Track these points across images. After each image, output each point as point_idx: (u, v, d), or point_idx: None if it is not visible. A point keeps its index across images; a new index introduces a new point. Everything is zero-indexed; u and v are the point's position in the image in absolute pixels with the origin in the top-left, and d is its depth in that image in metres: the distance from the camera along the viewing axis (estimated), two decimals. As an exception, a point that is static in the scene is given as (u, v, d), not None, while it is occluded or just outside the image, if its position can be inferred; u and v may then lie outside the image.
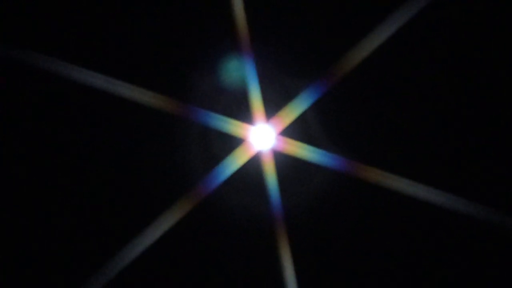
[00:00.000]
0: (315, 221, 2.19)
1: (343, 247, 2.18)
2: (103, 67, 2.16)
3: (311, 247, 2.18)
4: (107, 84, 2.16)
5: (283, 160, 2.20)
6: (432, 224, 2.17)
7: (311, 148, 2.19)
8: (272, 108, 2.20)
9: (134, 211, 2.16)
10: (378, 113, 2.19)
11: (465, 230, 2.17)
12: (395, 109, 2.19)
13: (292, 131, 2.20)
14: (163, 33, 2.19)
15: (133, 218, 2.15)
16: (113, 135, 2.17)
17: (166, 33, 2.19)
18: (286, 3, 2.18)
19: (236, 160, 2.19)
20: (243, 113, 2.19)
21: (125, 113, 2.17)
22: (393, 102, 2.19)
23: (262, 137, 2.20)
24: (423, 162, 2.17)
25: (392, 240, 2.17)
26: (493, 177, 2.16)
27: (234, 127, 2.19)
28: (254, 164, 2.19)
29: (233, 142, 2.19)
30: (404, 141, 2.18)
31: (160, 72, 2.20)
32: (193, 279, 2.18)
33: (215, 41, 2.18)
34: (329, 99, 2.18)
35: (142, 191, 2.17)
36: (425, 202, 2.15)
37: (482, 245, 2.17)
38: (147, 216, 2.15)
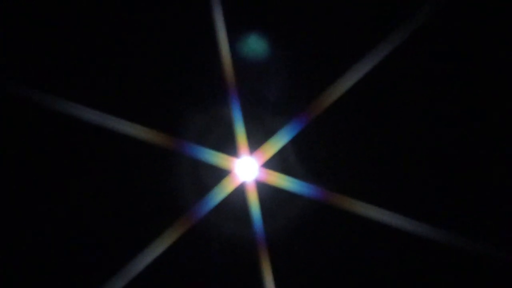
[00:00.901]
0: (294, 243, 2.24)
1: (318, 266, 2.25)
2: (115, 110, 2.21)
3: (290, 266, 2.24)
4: (116, 124, 2.22)
5: (265, 189, 2.25)
6: (396, 246, 2.22)
7: (290, 178, 2.23)
8: (255, 143, 2.24)
9: (132, 235, 2.21)
10: (348, 147, 2.25)
11: (436, 256, 2.22)
12: (364, 143, 2.26)
13: (273, 164, 2.24)
14: (161, 81, 2.26)
15: (131, 241, 2.20)
16: (112, 166, 2.24)
17: (163, 81, 2.26)
18: (266, 55, 2.25)
19: (223, 190, 2.23)
20: (229, 148, 2.24)
21: (124, 147, 2.22)
22: (362, 138, 2.25)
23: (246, 168, 2.25)
24: (390, 191, 2.24)
25: (361, 260, 2.23)
26: (462, 206, 2.23)
27: (221, 160, 2.24)
28: (239, 193, 2.24)
29: (220, 174, 2.24)
30: (372, 172, 2.25)
31: (156, 112, 2.25)
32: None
33: (206, 86, 2.25)
34: (305, 135, 2.23)
35: (139, 216, 2.22)
36: (390, 226, 2.21)
37: (454, 270, 2.22)
38: (144, 239, 2.20)
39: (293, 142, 2.24)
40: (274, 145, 2.24)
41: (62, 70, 2.23)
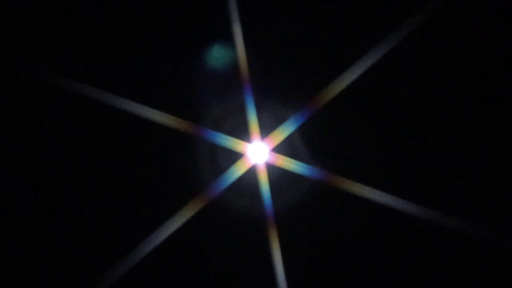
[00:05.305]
0: (301, 221, 2.33)
1: (323, 242, 2.33)
2: (140, 97, 2.30)
3: (298, 242, 2.33)
4: (142, 111, 2.30)
5: (274, 171, 2.32)
6: (392, 225, 2.30)
7: (297, 162, 2.31)
8: (266, 129, 2.33)
9: (154, 211, 2.31)
10: (350, 134, 2.33)
11: (434, 236, 2.28)
12: (365, 131, 2.33)
13: (282, 148, 2.32)
14: (182, 75, 2.34)
15: (153, 217, 2.30)
16: (137, 150, 2.33)
17: (184, 75, 2.34)
18: (277, 49, 2.34)
19: (237, 171, 2.32)
20: (243, 133, 2.33)
21: (148, 132, 2.32)
22: (363, 126, 2.33)
23: (258, 152, 2.33)
24: (388, 175, 2.31)
25: (360, 236, 2.31)
26: (463, 189, 2.28)
27: (235, 144, 2.32)
28: (251, 174, 2.32)
29: (234, 157, 2.32)
30: (371, 157, 2.32)
31: (178, 101, 2.33)
32: (199, 266, 2.32)
33: (222, 79, 2.33)
34: (312, 122, 2.32)
35: (160, 195, 2.32)
36: (387, 206, 2.29)
37: (454, 253, 2.27)
38: (164, 215, 2.29)
39: (300, 129, 2.32)
40: (283, 132, 2.31)
41: (87, 57, 2.30)
